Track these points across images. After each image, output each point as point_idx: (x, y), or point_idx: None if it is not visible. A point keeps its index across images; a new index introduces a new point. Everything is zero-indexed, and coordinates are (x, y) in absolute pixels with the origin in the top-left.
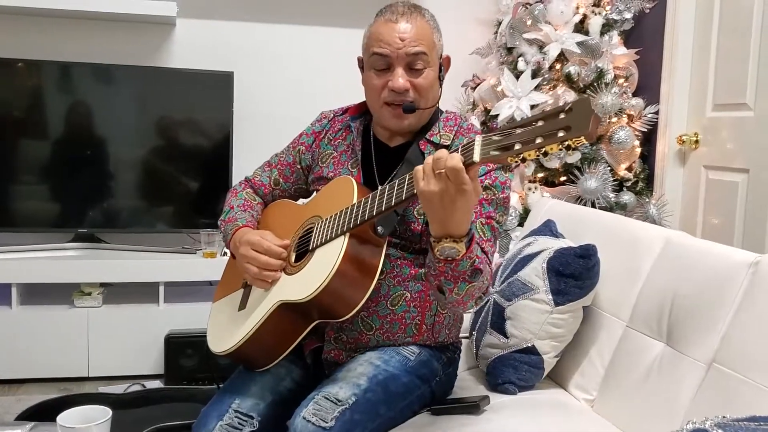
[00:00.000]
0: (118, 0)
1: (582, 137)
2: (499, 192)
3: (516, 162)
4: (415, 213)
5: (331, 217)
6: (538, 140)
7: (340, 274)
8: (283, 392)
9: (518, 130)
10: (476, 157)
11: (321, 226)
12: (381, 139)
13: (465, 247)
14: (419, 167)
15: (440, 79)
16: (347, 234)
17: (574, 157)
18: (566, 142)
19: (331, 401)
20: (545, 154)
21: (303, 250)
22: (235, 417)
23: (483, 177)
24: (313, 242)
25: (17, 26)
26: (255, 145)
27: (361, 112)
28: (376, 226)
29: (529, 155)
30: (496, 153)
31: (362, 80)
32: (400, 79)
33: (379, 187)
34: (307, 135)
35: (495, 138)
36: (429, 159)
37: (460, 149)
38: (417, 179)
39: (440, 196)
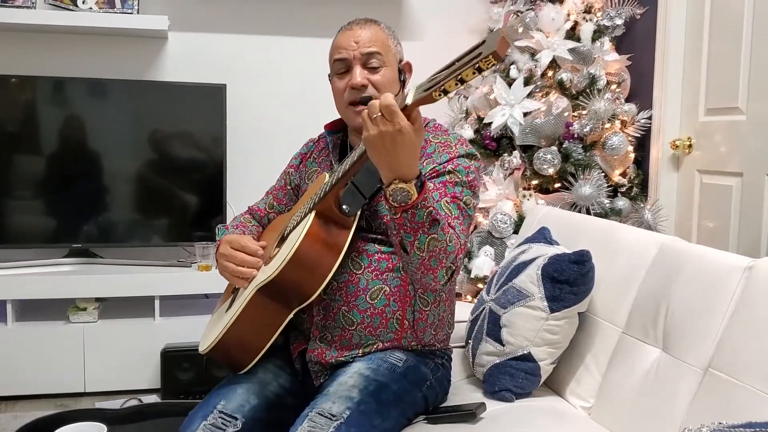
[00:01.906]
0: (110, 14)
1: (490, 57)
2: (463, 176)
3: (439, 95)
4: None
5: (304, 205)
6: (456, 72)
7: (305, 247)
8: (270, 396)
9: (443, 72)
10: (408, 100)
11: (296, 216)
12: None
13: (416, 190)
14: (364, 114)
15: (402, 82)
16: (313, 212)
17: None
18: (477, 65)
19: (326, 417)
20: (462, 81)
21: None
22: (219, 417)
23: (446, 163)
24: (288, 229)
25: (10, 42)
26: (249, 157)
27: (338, 126)
28: (342, 204)
29: (450, 86)
30: (425, 92)
31: (332, 90)
32: (357, 76)
33: None
34: (295, 158)
35: (424, 83)
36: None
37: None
38: (362, 129)
39: (381, 137)
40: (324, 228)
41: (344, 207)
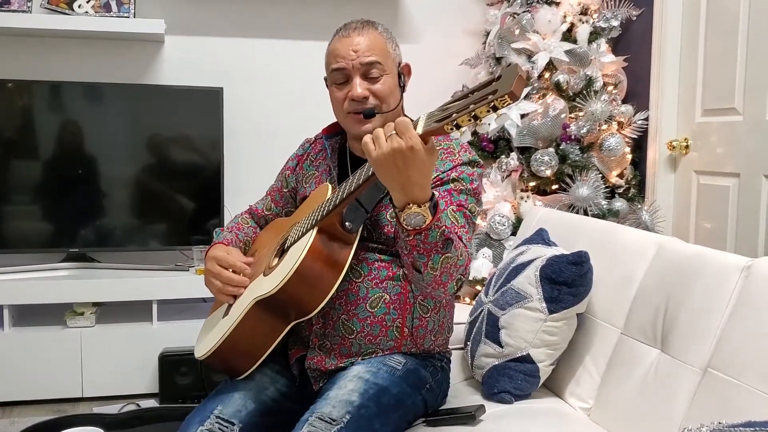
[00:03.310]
0: (106, 19)
1: (506, 96)
2: (467, 183)
3: (451, 129)
4: (387, 216)
5: (306, 217)
6: (471, 106)
7: (306, 265)
8: (267, 401)
9: (456, 103)
10: (419, 130)
11: (297, 227)
12: (356, 154)
13: (430, 212)
14: (369, 136)
15: (401, 87)
16: (315, 228)
17: (502, 120)
18: (492, 103)
19: (326, 421)
20: (476, 117)
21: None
22: (216, 422)
23: (449, 171)
24: (289, 242)
25: (6, 46)
26: (246, 161)
27: (336, 131)
28: (344, 221)
29: (463, 121)
30: (437, 124)
31: (329, 97)
32: (358, 88)
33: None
34: (291, 160)
35: (436, 113)
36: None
37: None
38: (369, 150)
39: (392, 156)
40: (326, 245)
41: (347, 224)
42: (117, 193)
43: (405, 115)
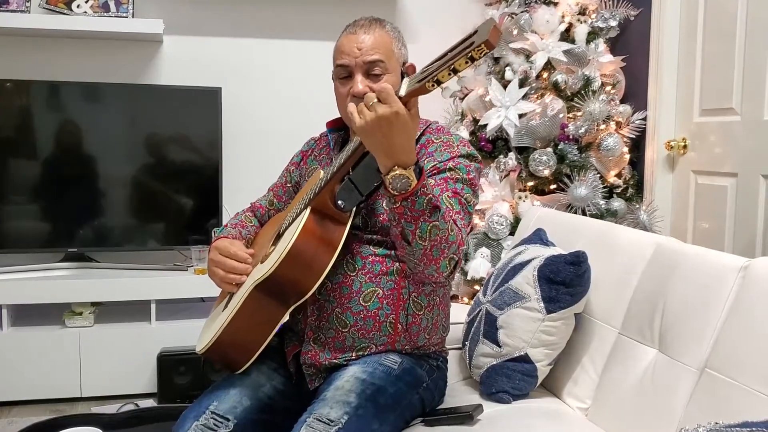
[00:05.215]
0: (104, 18)
1: (482, 45)
2: (464, 173)
3: (432, 86)
4: (384, 205)
5: (300, 201)
6: (449, 62)
7: (300, 244)
8: (263, 398)
9: (435, 63)
10: (402, 92)
11: (292, 213)
12: None
13: (415, 175)
14: (352, 106)
15: None
16: (308, 208)
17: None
18: (469, 54)
19: (324, 422)
20: (455, 71)
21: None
22: (211, 418)
23: (446, 161)
24: (284, 226)
25: (4, 46)
26: (244, 161)
27: (340, 124)
28: (337, 200)
29: (443, 76)
30: (418, 84)
31: (334, 91)
32: (359, 84)
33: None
34: (296, 156)
35: (418, 74)
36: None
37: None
38: (354, 120)
39: (377, 121)
40: (320, 224)
41: (339, 202)
42: (115, 192)
43: None
